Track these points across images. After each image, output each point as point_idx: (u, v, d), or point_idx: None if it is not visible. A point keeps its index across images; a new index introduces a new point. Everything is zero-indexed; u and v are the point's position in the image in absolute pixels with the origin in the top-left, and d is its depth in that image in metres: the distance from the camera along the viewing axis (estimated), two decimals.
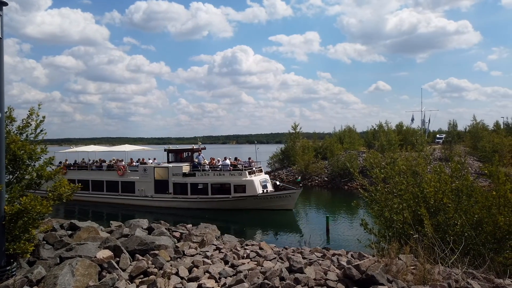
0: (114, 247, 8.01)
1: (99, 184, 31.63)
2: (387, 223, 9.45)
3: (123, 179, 30.76)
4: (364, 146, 55.42)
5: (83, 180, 31.83)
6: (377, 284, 5.53)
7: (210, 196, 27.72)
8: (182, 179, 28.52)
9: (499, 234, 8.02)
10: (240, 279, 6.34)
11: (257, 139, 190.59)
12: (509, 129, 59.12)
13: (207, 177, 28.02)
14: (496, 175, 8.43)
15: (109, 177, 31.56)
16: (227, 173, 27.66)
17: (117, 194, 30.84)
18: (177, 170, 28.76)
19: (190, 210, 27.75)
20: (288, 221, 24.91)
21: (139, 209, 28.75)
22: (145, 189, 29.59)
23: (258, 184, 27.26)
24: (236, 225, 24.25)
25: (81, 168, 33.56)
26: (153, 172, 29.66)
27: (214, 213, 26.78)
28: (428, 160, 12.38)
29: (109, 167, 32.26)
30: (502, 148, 40.80)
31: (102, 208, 29.71)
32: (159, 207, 28.88)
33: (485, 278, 6.16)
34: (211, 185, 27.69)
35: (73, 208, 30.14)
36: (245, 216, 25.81)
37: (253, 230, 23.93)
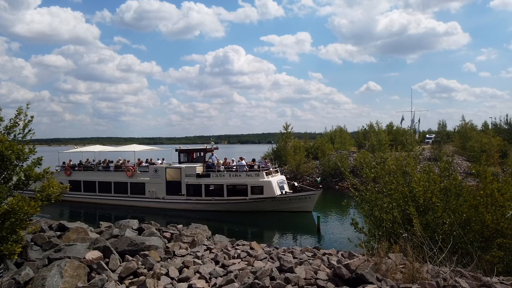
0: (103, 248, 7.94)
1: (107, 186, 30.34)
2: (377, 222, 9.53)
3: (132, 180, 29.43)
4: (355, 146, 55.75)
5: (89, 181, 30.89)
6: (366, 283, 5.57)
7: (226, 197, 26.61)
8: (196, 180, 27.35)
9: (486, 232, 8.14)
10: (230, 279, 6.34)
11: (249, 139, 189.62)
12: (497, 129, 59.90)
13: (223, 178, 26.87)
14: (483, 174, 8.55)
15: (117, 178, 30.19)
16: (244, 174, 26.53)
17: (125, 196, 29.53)
18: (190, 171, 27.62)
19: (204, 212, 26.72)
20: (280, 221, 24.92)
21: (150, 211, 27.54)
22: (156, 190, 28.43)
23: (276, 185, 26.29)
24: (255, 227, 23.64)
25: (87, 168, 32.22)
26: (164, 173, 28.44)
27: (229, 215, 25.90)
28: (418, 160, 12.53)
29: (117, 167, 30.95)
30: (490, 148, 41.33)
31: (109, 210, 28.45)
32: (171, 209, 27.73)
33: (473, 276, 6.24)
34: (226, 186, 26.61)
35: (79, 210, 29.17)
36: (262, 219, 24.86)
37: (269, 232, 23.50)
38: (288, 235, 22.49)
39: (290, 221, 24.53)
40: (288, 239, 21.25)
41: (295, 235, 22.45)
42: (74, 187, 30.98)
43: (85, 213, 28.79)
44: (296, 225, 24.21)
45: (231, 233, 21.34)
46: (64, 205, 30.73)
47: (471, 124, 55.19)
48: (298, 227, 23.94)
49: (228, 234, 20.07)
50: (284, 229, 23.98)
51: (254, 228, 24.23)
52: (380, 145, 42.27)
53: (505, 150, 45.05)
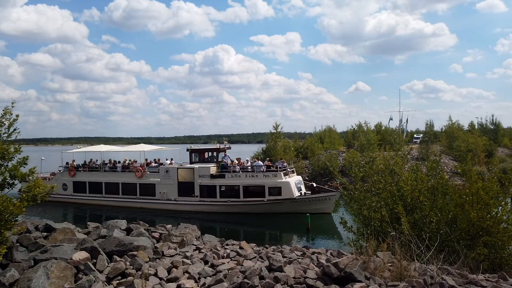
0: (91, 249, 7.84)
1: (114, 187, 29.07)
2: (365, 221, 9.61)
3: (141, 181, 28.25)
4: (344, 146, 56.12)
5: (95, 182, 29.72)
6: (355, 281, 5.61)
7: (242, 199, 25.57)
8: (210, 181, 26.30)
9: (472, 231, 8.27)
10: (219, 279, 6.32)
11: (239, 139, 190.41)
12: (483, 129, 60.99)
13: (238, 179, 25.83)
14: (469, 174, 8.68)
15: (125, 179, 28.90)
16: (261, 175, 25.54)
17: (134, 198, 28.29)
18: (204, 171, 26.55)
19: (219, 214, 25.99)
20: (272, 221, 24.92)
21: (161, 213, 26.58)
22: (168, 192, 27.33)
23: (294, 186, 25.43)
24: (272, 230, 23.13)
25: (92, 169, 31.03)
26: (176, 174, 27.32)
27: (247, 217, 25.13)
28: (405, 160, 12.67)
29: (124, 168, 29.78)
30: (476, 148, 42.03)
31: (117, 212, 27.01)
32: (184, 211, 26.65)
33: (459, 274, 6.33)
34: (243, 187, 25.60)
35: (83, 213, 28.08)
36: (279, 220, 24.16)
37: (259, 232, 23.26)
38: (277, 235, 22.54)
39: (281, 221, 24.56)
40: (277, 239, 21.29)
41: (285, 235, 22.52)
42: (79, 188, 30.42)
43: (91, 215, 27.67)
44: (286, 224, 24.26)
45: (247, 234, 21.22)
46: (68, 207, 29.90)
47: (457, 124, 56.03)
48: (288, 227, 23.99)
49: (244, 236, 19.86)
50: (274, 228, 24.02)
51: (267, 229, 23.84)
52: (368, 145, 42.62)
53: (491, 150, 45.89)
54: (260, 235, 22.36)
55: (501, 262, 8.00)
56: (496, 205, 8.46)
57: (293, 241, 20.34)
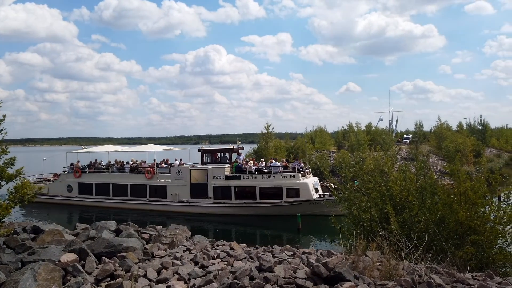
0: (79, 250, 7.76)
1: (122, 189, 28.18)
2: (355, 220, 9.67)
3: (152, 183, 27.45)
4: (335, 146, 56.43)
5: (102, 184, 28.82)
6: (344, 281, 5.64)
7: (259, 201, 24.87)
8: (225, 182, 25.55)
9: (460, 230, 8.38)
10: (209, 280, 6.30)
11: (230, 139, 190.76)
12: (471, 129, 61.87)
13: (255, 180, 25.11)
14: (457, 173, 8.80)
15: (134, 180, 28.03)
16: (278, 176, 24.87)
17: (144, 200, 27.48)
18: (218, 172, 25.81)
19: (234, 217, 25.33)
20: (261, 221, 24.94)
21: (173, 215, 25.92)
22: (179, 193, 26.54)
23: (312, 187, 24.82)
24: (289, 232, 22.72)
25: (99, 170, 30.11)
26: (188, 175, 26.55)
27: (264, 219, 24.60)
28: (395, 160, 12.78)
29: (133, 169, 28.86)
30: (464, 148, 42.63)
31: (125, 215, 26.41)
32: (197, 213, 26.04)
33: (447, 273, 6.40)
34: (259, 188, 24.86)
35: (90, 215, 27.22)
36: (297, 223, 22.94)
37: (250, 232, 23.31)
38: (268, 235, 22.56)
39: (273, 221, 24.58)
40: (268, 239, 21.32)
41: (276, 235, 22.54)
42: (85, 190, 29.44)
43: (98, 218, 26.26)
44: (277, 224, 24.30)
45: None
46: (73, 209, 29.15)
47: (446, 124, 56.80)
48: (279, 227, 24.04)
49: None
50: (265, 229, 24.05)
51: (259, 230, 23.79)
52: (359, 145, 42.93)
53: (479, 150, 46.57)
54: (250, 235, 22.38)
55: (488, 261, 8.13)
56: (483, 205, 8.60)
57: (284, 241, 20.40)
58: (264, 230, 23.87)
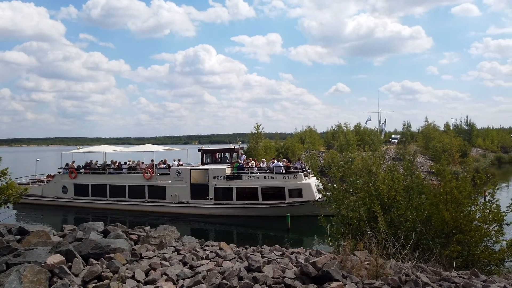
0: (66, 252, 7.66)
1: (120, 190, 27.64)
2: (344, 220, 9.74)
3: (150, 183, 26.94)
4: (324, 146, 56.73)
5: (99, 185, 28.19)
6: (332, 280, 5.68)
7: (261, 201, 24.65)
8: (226, 182, 25.23)
9: (446, 229, 8.51)
10: (198, 280, 6.28)
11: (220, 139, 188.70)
12: (458, 130, 62.83)
13: (257, 181, 24.83)
14: (443, 173, 8.92)
15: (132, 181, 27.52)
16: (280, 176, 24.63)
17: (143, 201, 26.99)
18: (219, 173, 25.46)
19: (236, 218, 25.03)
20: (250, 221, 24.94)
21: (172, 217, 25.47)
22: (179, 194, 26.08)
23: (315, 187, 24.34)
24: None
25: (95, 171, 29.40)
26: (189, 175, 26.11)
27: (267, 220, 24.25)
28: (382, 160, 12.90)
29: (131, 169, 28.31)
30: (451, 148, 43.24)
31: (123, 216, 25.86)
32: (198, 214, 25.72)
33: (433, 271, 6.49)
34: (261, 189, 24.62)
35: (86, 217, 26.24)
36: (303, 223, 23.06)
37: (239, 233, 23.14)
38: (258, 235, 22.58)
39: (261, 221, 24.60)
40: (258, 239, 21.34)
41: (266, 235, 22.58)
42: (81, 191, 28.77)
43: (94, 220, 26.05)
44: (267, 224, 24.32)
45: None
46: (68, 211, 28.48)
47: (433, 125, 57.55)
48: (269, 227, 24.07)
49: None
50: (255, 229, 24.06)
51: (246, 230, 23.66)
52: (348, 145, 43.23)
53: (465, 150, 47.27)
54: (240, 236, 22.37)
55: (473, 259, 8.26)
56: (469, 204, 8.74)
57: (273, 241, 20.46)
58: (254, 230, 23.90)
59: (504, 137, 75.08)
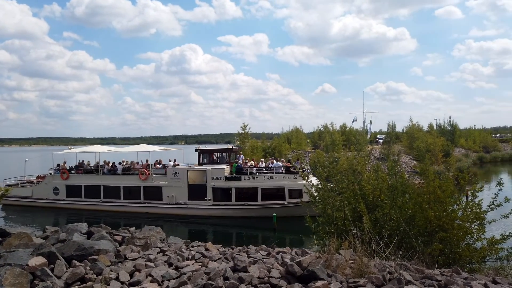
0: (48, 254, 7.52)
1: (114, 191, 27.09)
2: (329, 220, 9.81)
3: (146, 184, 26.44)
4: (311, 146, 57.06)
5: (92, 186, 27.57)
6: (317, 279, 5.71)
7: (261, 202, 24.40)
8: (225, 183, 24.92)
9: (429, 227, 8.64)
10: (183, 281, 6.25)
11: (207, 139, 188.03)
12: (441, 130, 64.00)
13: (256, 181, 24.56)
14: (426, 173, 9.07)
15: (127, 181, 26.99)
16: (280, 176, 24.35)
17: (138, 202, 26.49)
18: (217, 173, 25.10)
19: (234, 219, 24.67)
20: (291, 225, 24.74)
21: (169, 218, 25.18)
22: (176, 195, 25.64)
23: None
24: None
25: (89, 172, 28.68)
26: (186, 176, 25.74)
27: (266, 221, 23.63)
28: (367, 159, 13.05)
29: (125, 170, 27.73)
30: (434, 148, 43.99)
31: (118, 218, 25.22)
32: (195, 215, 25.25)
33: (416, 269, 6.59)
34: (261, 189, 24.35)
35: (79, 219, 24.90)
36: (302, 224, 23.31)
37: (226, 233, 22.95)
38: (245, 235, 22.58)
39: (249, 221, 24.54)
40: (244, 239, 21.33)
41: (252, 235, 22.60)
42: (73, 192, 28.11)
43: (88, 221, 24.53)
44: (254, 224, 24.31)
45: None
46: (60, 213, 27.72)
47: (418, 125, 58.43)
48: (256, 227, 24.08)
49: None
50: (242, 229, 24.03)
51: (235, 230, 23.52)
52: (334, 145, 43.58)
53: (448, 150, 48.16)
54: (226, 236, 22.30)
55: (455, 257, 8.41)
56: (451, 203, 8.90)
57: (259, 241, 20.47)
58: (238, 230, 23.85)
59: (486, 137, 76.71)
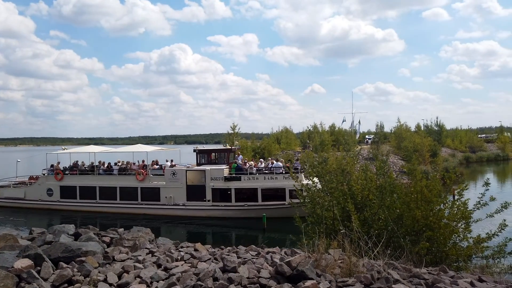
0: (34, 256, 7.41)
1: (110, 192, 26.63)
2: (318, 219, 9.86)
3: (143, 185, 26.04)
4: (300, 146, 57.28)
5: (88, 187, 27.01)
6: (306, 279, 5.74)
7: (261, 203, 24.19)
8: (224, 183, 24.67)
9: (417, 226, 8.74)
10: (172, 282, 6.21)
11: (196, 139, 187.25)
12: (428, 130, 64.85)
13: (256, 181, 24.36)
14: (414, 172, 9.18)
15: (124, 182, 26.57)
16: (280, 176, 24.16)
17: (135, 203, 26.04)
18: (217, 174, 24.81)
19: (235, 220, 24.40)
20: (224, 221, 24.83)
21: (167, 219, 24.87)
22: (175, 196, 25.30)
23: None
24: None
25: (83, 172, 28.08)
26: (184, 176, 25.40)
27: (268, 222, 23.10)
28: (356, 160, 13.15)
29: (122, 170, 27.24)
30: (422, 148, 44.55)
31: (114, 220, 24.79)
32: (194, 216, 24.93)
33: (404, 268, 6.67)
34: (261, 190, 24.15)
35: (74, 221, 24.14)
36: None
37: (215, 234, 22.87)
38: (235, 235, 22.55)
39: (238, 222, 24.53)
40: (234, 239, 21.32)
41: (241, 235, 22.58)
42: (67, 193, 27.53)
43: (82, 223, 23.17)
44: (244, 225, 24.29)
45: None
46: (54, 214, 26.97)
47: (405, 125, 59.10)
48: (246, 227, 24.06)
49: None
50: (231, 229, 23.99)
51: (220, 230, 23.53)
52: (323, 145, 43.82)
53: (435, 150, 48.83)
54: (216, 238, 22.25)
55: (442, 256, 8.53)
56: (438, 203, 9.02)
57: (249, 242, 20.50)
58: (227, 231, 23.81)
59: (472, 137, 77.99)
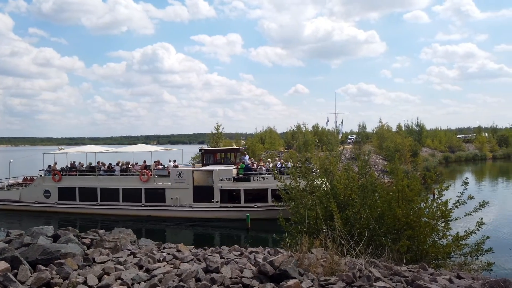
0: (11, 258, 7.20)
1: (112, 193, 25.84)
2: (302, 219, 9.91)
3: (148, 186, 25.32)
4: (284, 146, 57.49)
5: (88, 188, 26.15)
6: (289, 278, 5.75)
7: (271, 204, 22.91)
8: (233, 184, 24.17)
9: (398, 225, 8.88)
10: (154, 283, 6.13)
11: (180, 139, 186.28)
12: (409, 131, 66.05)
13: (266, 182, 23.75)
14: (395, 172, 9.32)
15: (126, 183, 25.83)
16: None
17: (139, 205, 25.36)
18: (225, 174, 24.22)
19: (243, 221, 23.41)
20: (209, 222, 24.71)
21: (173, 221, 24.34)
22: (181, 197, 24.63)
23: None
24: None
25: (83, 173, 27.22)
26: (191, 177, 24.79)
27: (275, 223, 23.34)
28: (338, 159, 13.27)
29: (124, 171, 26.48)
30: (403, 148, 45.32)
31: (117, 222, 23.24)
32: (202, 218, 24.39)
33: (385, 266, 6.76)
34: (271, 191, 23.39)
35: (73, 224, 23.94)
36: None
37: (201, 236, 22.74)
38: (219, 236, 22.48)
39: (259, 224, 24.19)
40: (218, 240, 21.25)
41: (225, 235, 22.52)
42: (66, 195, 26.65)
43: (82, 226, 23.10)
44: (227, 225, 24.22)
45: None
46: (51, 217, 26.02)
47: (387, 126, 59.98)
48: (229, 227, 24.01)
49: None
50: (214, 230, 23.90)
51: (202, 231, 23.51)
52: (306, 145, 44.10)
53: (416, 150, 49.76)
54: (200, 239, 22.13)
55: (422, 254, 8.69)
56: (419, 201, 9.18)
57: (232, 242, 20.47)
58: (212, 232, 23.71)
59: (451, 137, 79.91)
